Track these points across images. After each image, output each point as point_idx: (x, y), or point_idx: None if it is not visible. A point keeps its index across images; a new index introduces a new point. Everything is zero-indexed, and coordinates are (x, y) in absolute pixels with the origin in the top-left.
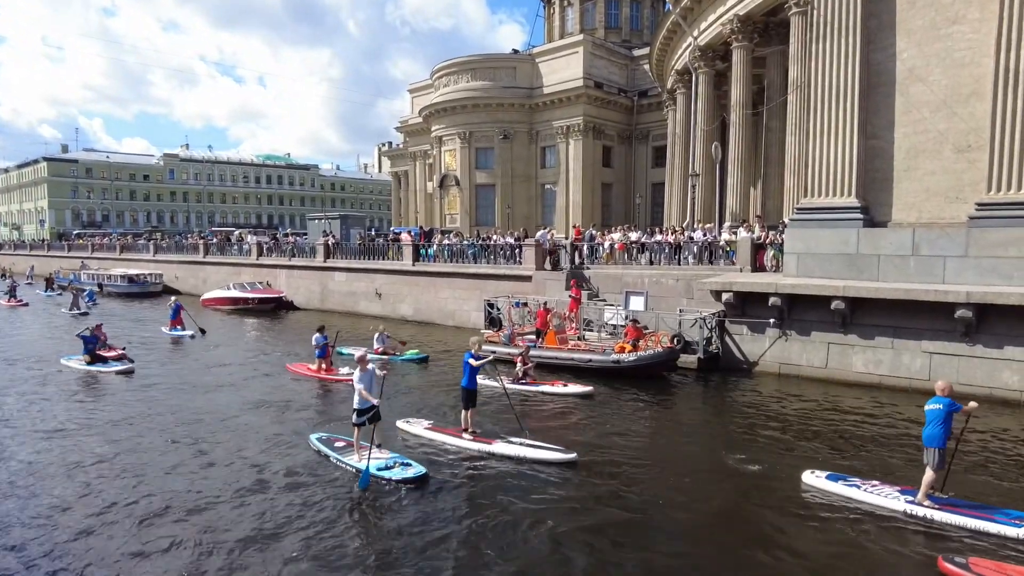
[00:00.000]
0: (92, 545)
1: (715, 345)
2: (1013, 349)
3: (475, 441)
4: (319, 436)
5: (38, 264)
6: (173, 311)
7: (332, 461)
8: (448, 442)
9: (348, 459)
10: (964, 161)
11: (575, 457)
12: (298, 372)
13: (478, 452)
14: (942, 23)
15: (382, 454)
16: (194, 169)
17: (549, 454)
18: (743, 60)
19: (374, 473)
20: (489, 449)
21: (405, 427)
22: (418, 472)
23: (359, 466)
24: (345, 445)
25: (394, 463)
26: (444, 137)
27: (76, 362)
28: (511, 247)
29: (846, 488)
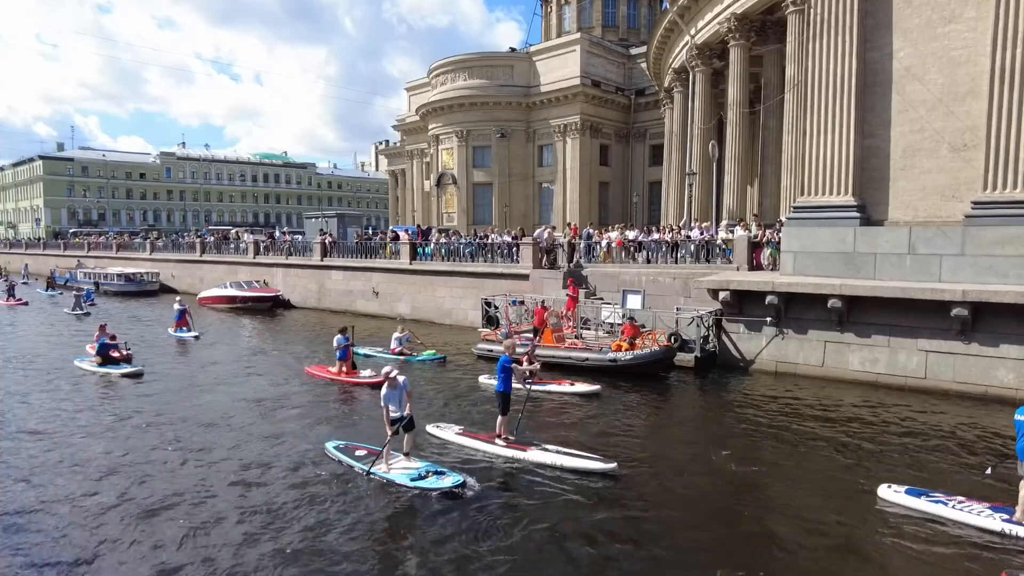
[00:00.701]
0: (110, 553)
1: (712, 344)
2: (1009, 347)
3: (509, 448)
4: (336, 444)
5: (35, 263)
6: (178, 313)
7: (357, 471)
8: (481, 448)
9: (375, 468)
10: (960, 160)
11: (615, 467)
12: (318, 375)
13: (512, 459)
14: (938, 22)
15: (413, 463)
16: (191, 168)
17: (588, 463)
18: (740, 59)
19: (407, 484)
20: (524, 457)
21: (436, 432)
22: (455, 481)
23: (388, 476)
24: (367, 453)
25: (427, 472)
26: (441, 136)
27: (88, 364)
28: (508, 246)
29: (930, 505)
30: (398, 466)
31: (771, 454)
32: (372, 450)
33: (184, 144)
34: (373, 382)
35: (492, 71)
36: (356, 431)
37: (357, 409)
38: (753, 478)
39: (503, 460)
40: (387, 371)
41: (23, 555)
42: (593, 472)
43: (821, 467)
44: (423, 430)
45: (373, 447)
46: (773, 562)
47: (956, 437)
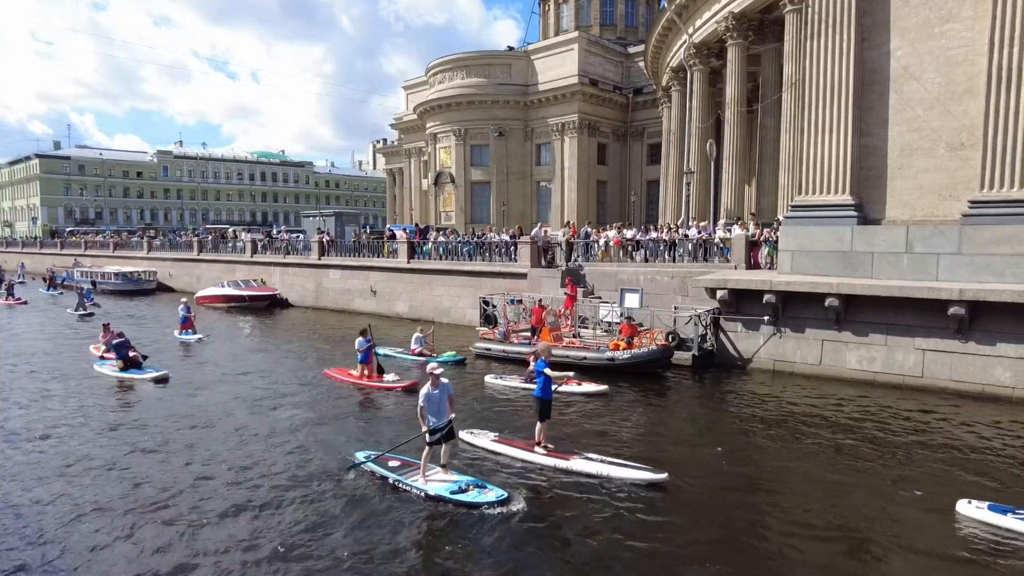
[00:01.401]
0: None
1: (710, 342)
2: (1005, 346)
3: (549, 456)
4: (367, 454)
5: (31, 262)
6: (184, 316)
7: (391, 483)
8: (519, 457)
9: (411, 480)
10: (957, 159)
11: (665, 477)
12: (338, 379)
13: (554, 469)
14: (936, 21)
15: (451, 475)
16: (188, 166)
17: (636, 473)
18: (738, 57)
19: (447, 497)
20: (566, 466)
21: (470, 439)
22: (499, 496)
23: (426, 489)
24: (401, 464)
25: (468, 485)
26: (439, 134)
27: (109, 368)
28: (506, 245)
29: (1017, 522)
30: (436, 478)
31: (821, 468)
32: (406, 461)
33: (181, 143)
34: (398, 386)
35: (490, 70)
36: (384, 439)
37: (384, 416)
38: (802, 492)
39: (544, 470)
40: (432, 368)
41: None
42: (641, 483)
43: (879, 481)
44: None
45: (407, 458)
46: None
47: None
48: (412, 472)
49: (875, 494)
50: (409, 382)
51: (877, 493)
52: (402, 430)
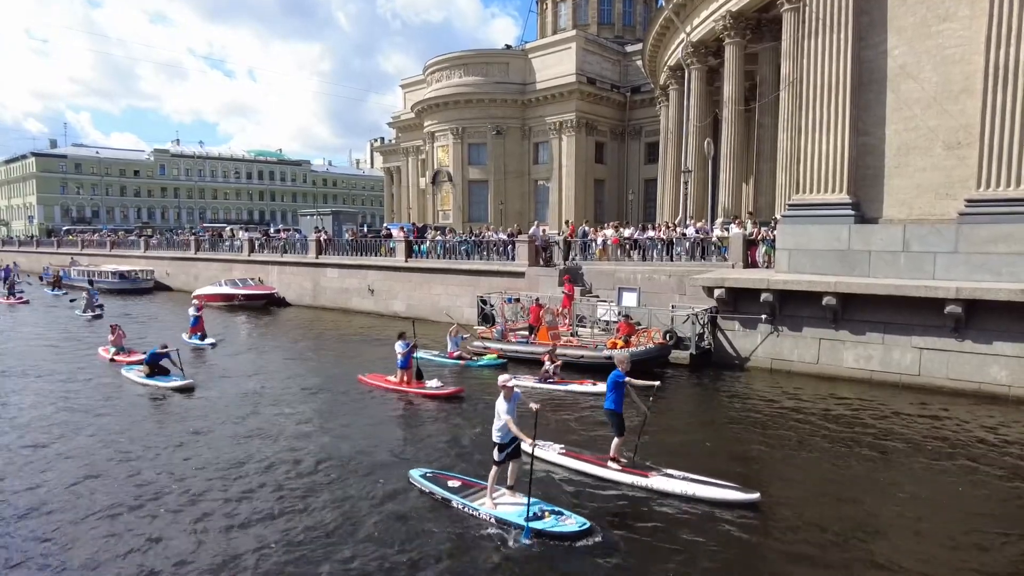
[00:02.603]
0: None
1: (707, 341)
2: (1002, 344)
3: (624, 473)
4: (423, 473)
5: (28, 261)
6: (194, 318)
7: (455, 506)
8: (590, 472)
9: (477, 503)
10: (954, 158)
11: (758, 498)
12: (374, 385)
13: (631, 487)
14: (933, 20)
15: (520, 498)
16: (185, 165)
17: (725, 493)
18: (735, 56)
19: (519, 523)
20: (646, 484)
21: (535, 451)
22: (581, 525)
23: (495, 513)
24: (461, 484)
25: (543, 511)
26: (437, 133)
27: (135, 374)
28: (504, 243)
29: None
30: (504, 501)
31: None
32: (468, 481)
33: (178, 141)
34: (442, 393)
35: (488, 68)
36: (435, 453)
37: (430, 426)
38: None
39: (620, 487)
40: (505, 379)
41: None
42: (731, 503)
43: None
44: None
45: (467, 477)
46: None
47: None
48: (476, 494)
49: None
50: (453, 389)
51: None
52: (455, 446)
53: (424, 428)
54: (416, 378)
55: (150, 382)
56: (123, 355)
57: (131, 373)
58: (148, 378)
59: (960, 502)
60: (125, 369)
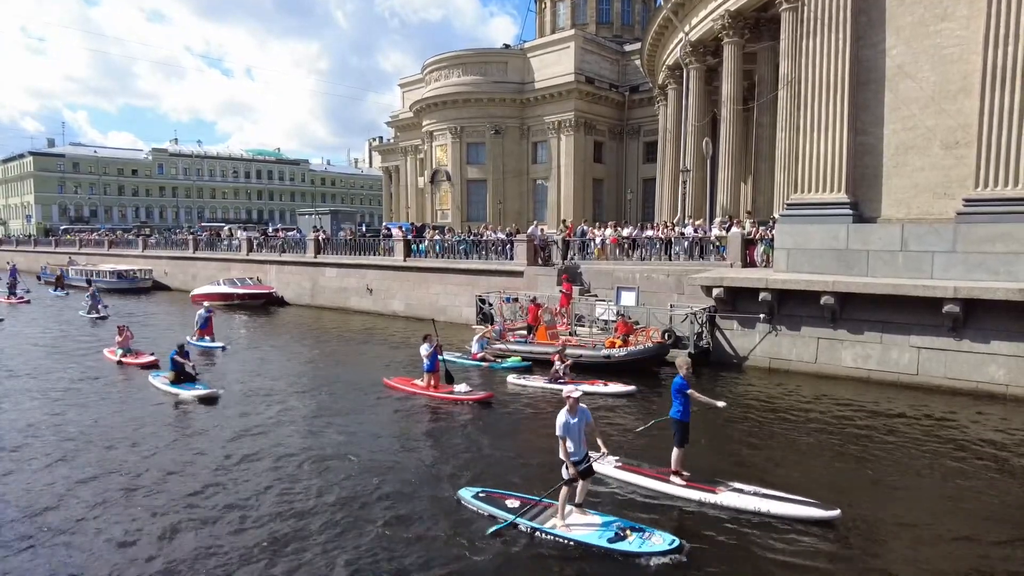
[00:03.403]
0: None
1: (706, 340)
2: (999, 343)
3: (690, 488)
4: (475, 493)
5: (26, 260)
6: (203, 320)
7: (523, 529)
8: (652, 487)
9: (547, 525)
10: (952, 157)
11: (839, 515)
12: (401, 389)
13: (699, 504)
14: (931, 20)
15: (591, 517)
16: (183, 164)
17: (802, 510)
18: (734, 56)
19: (603, 547)
20: (715, 500)
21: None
22: (672, 543)
23: (571, 536)
24: (521, 504)
25: (623, 529)
26: (435, 132)
27: (161, 381)
28: (503, 243)
29: None
30: (577, 522)
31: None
32: (527, 499)
33: (176, 140)
34: (472, 398)
35: (486, 67)
36: (479, 464)
37: (461, 436)
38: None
39: (688, 504)
40: (570, 391)
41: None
42: (809, 521)
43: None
44: (551, 459)
45: (526, 495)
46: None
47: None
48: (543, 514)
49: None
50: (483, 394)
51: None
52: (489, 454)
53: (456, 437)
54: (446, 381)
55: (173, 390)
56: (130, 356)
57: (157, 380)
58: (173, 385)
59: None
60: (152, 376)
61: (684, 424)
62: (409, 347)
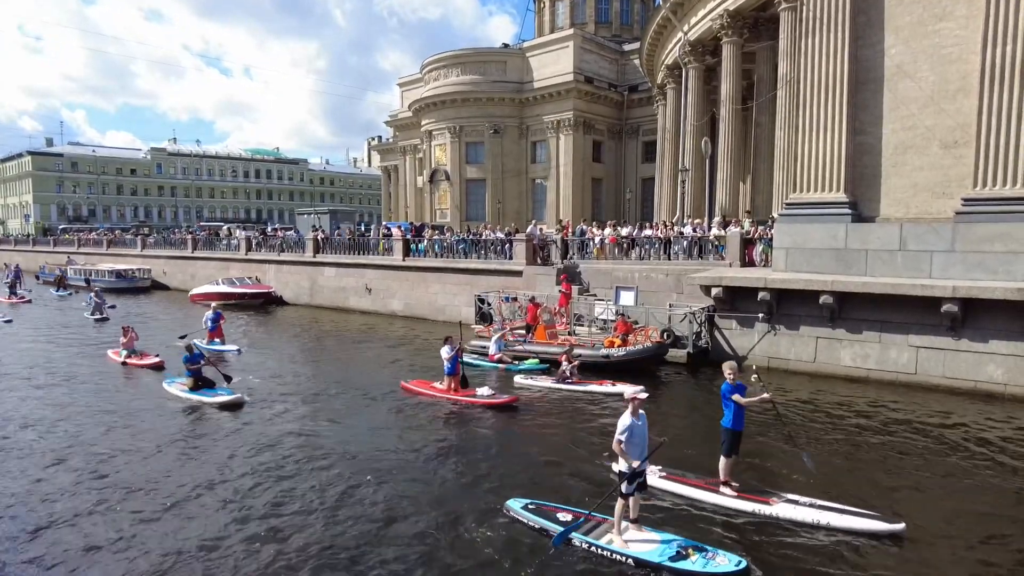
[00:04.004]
0: None
1: (704, 339)
2: (998, 343)
3: (742, 499)
4: (525, 504)
5: (24, 260)
6: (212, 322)
7: (577, 544)
8: (701, 499)
9: (603, 540)
10: (951, 157)
11: (903, 528)
12: (419, 392)
13: (753, 515)
14: (929, 20)
15: (649, 533)
16: (182, 163)
17: (863, 523)
18: (733, 55)
19: (664, 564)
20: (770, 512)
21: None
22: (737, 564)
23: (630, 553)
24: (574, 518)
25: (685, 548)
26: (434, 131)
27: (178, 387)
28: (502, 242)
29: None
30: (635, 538)
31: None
32: (579, 513)
33: (175, 140)
34: (495, 402)
35: (485, 67)
36: (515, 475)
37: (497, 442)
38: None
39: (741, 517)
40: (634, 392)
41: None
42: (871, 534)
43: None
44: (587, 468)
45: (577, 509)
46: None
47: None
48: (597, 529)
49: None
50: (507, 398)
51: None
52: (524, 462)
53: (486, 444)
54: (461, 385)
55: (192, 396)
56: (135, 358)
57: (173, 387)
58: (192, 392)
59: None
60: (167, 383)
61: (735, 433)
62: (412, 347)
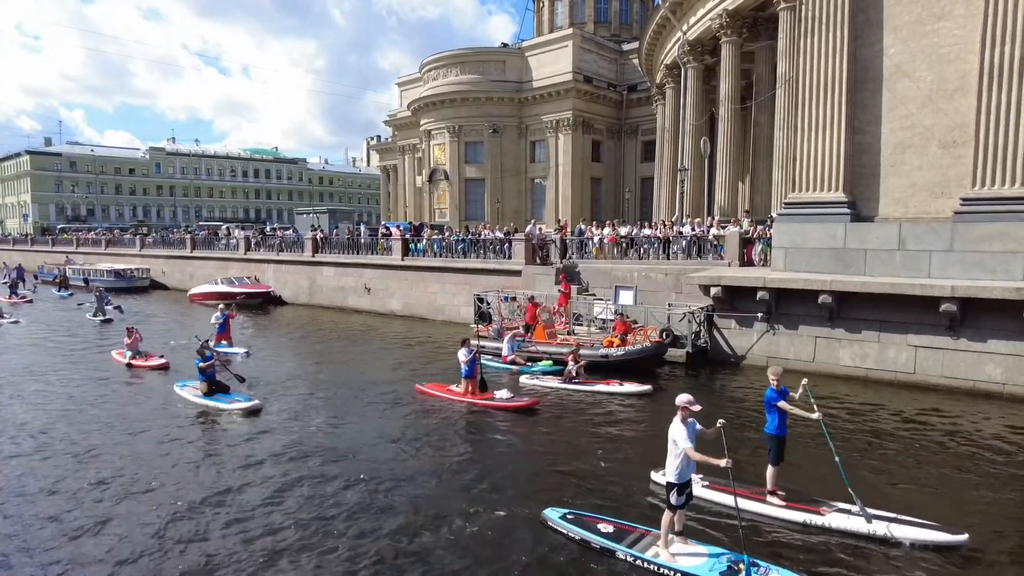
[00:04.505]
0: None
1: (703, 339)
2: (996, 342)
3: (791, 509)
4: (563, 514)
5: (23, 259)
6: (220, 324)
7: (621, 557)
8: (749, 509)
9: (649, 554)
10: (949, 156)
11: (967, 539)
12: (436, 396)
13: (804, 527)
14: (928, 19)
15: (694, 546)
16: (181, 163)
17: (922, 533)
18: (732, 55)
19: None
20: (823, 523)
21: (658, 478)
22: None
23: (678, 567)
24: (616, 530)
25: (735, 563)
26: (433, 131)
27: (191, 392)
28: (501, 242)
29: None
30: (683, 551)
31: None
32: (622, 525)
33: (174, 139)
34: (513, 406)
35: (484, 66)
36: (546, 482)
37: (521, 447)
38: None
39: (791, 528)
40: (686, 401)
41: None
42: (932, 545)
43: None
44: (645, 477)
45: (620, 520)
46: None
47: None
48: (641, 541)
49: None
50: (527, 401)
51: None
52: (551, 464)
53: (510, 449)
54: (480, 388)
55: (211, 403)
56: (140, 359)
57: (185, 391)
58: (207, 398)
59: None
60: (178, 386)
61: (780, 439)
62: (421, 348)
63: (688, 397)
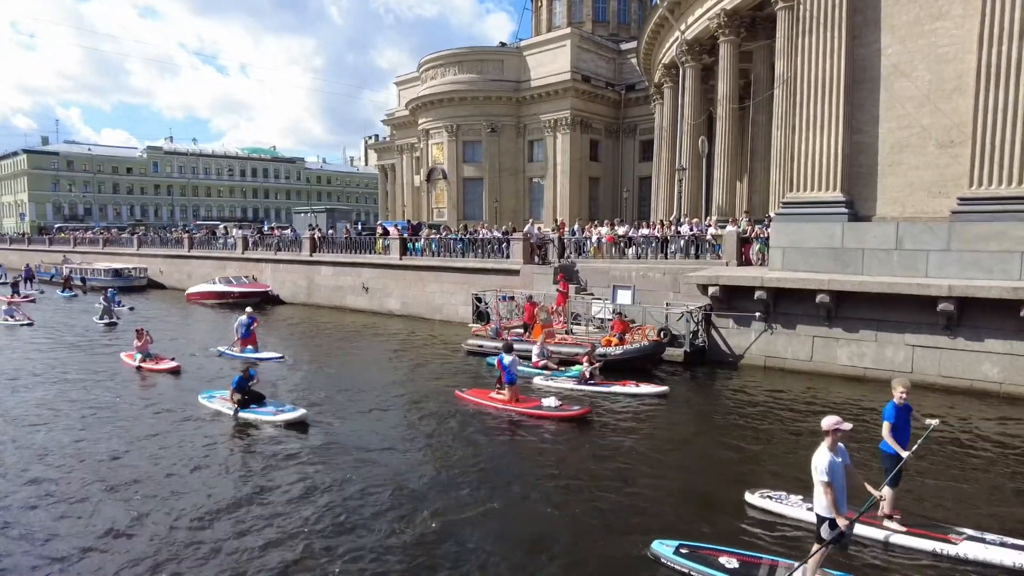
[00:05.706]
0: None
1: (701, 338)
2: (993, 342)
3: (916, 535)
4: (675, 547)
5: (21, 259)
6: (245, 328)
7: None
8: (867, 535)
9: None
10: (947, 156)
11: None
12: (478, 403)
13: (934, 555)
14: (926, 19)
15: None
16: (178, 162)
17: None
18: (730, 54)
19: None
20: (955, 552)
21: (768, 505)
22: None
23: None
24: (742, 563)
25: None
26: (431, 130)
27: (220, 403)
28: (499, 241)
29: None
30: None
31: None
32: (748, 557)
33: (171, 138)
34: (564, 415)
35: (482, 65)
36: (633, 507)
37: (592, 464)
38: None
39: (919, 558)
40: (835, 423)
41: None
42: None
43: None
44: (710, 492)
45: (744, 551)
46: None
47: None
48: (776, 574)
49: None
50: (581, 409)
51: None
52: (629, 484)
53: (578, 466)
54: (521, 395)
55: (250, 415)
56: (150, 362)
57: (213, 403)
58: (244, 410)
59: None
60: (204, 397)
61: (897, 459)
62: (417, 348)
63: (835, 419)
